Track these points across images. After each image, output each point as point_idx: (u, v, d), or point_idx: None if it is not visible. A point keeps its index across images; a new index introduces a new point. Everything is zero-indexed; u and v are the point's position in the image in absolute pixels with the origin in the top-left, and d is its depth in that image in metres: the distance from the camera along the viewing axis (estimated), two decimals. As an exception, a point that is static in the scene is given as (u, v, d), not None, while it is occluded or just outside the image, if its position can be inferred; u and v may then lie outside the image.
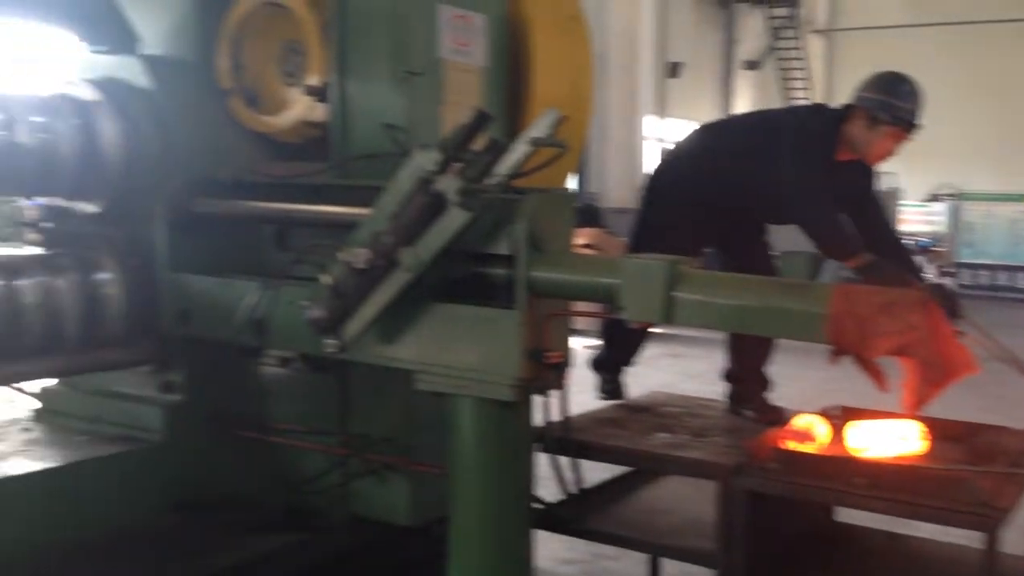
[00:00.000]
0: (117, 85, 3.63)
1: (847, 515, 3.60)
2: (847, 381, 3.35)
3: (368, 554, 3.79)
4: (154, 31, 3.87)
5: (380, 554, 3.83)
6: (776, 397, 4.44)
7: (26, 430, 3.71)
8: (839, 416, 3.53)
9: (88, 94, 3.57)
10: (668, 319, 2.71)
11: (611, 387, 4.52)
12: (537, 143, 2.82)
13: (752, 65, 23.72)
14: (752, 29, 24.03)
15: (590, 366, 4.55)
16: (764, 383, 4.44)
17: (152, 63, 3.69)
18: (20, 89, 3.50)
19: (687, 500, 3.90)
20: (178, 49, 3.85)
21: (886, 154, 4.28)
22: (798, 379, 4.93)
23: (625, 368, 4.59)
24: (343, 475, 3.57)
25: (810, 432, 3.41)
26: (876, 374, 2.70)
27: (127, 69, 3.66)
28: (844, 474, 3.07)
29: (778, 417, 4.08)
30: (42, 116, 3.38)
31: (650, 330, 4.57)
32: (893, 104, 4.17)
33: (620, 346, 4.59)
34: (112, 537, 3.35)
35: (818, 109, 4.65)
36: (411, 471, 3.47)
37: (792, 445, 3.29)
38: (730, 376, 4.48)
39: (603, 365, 4.57)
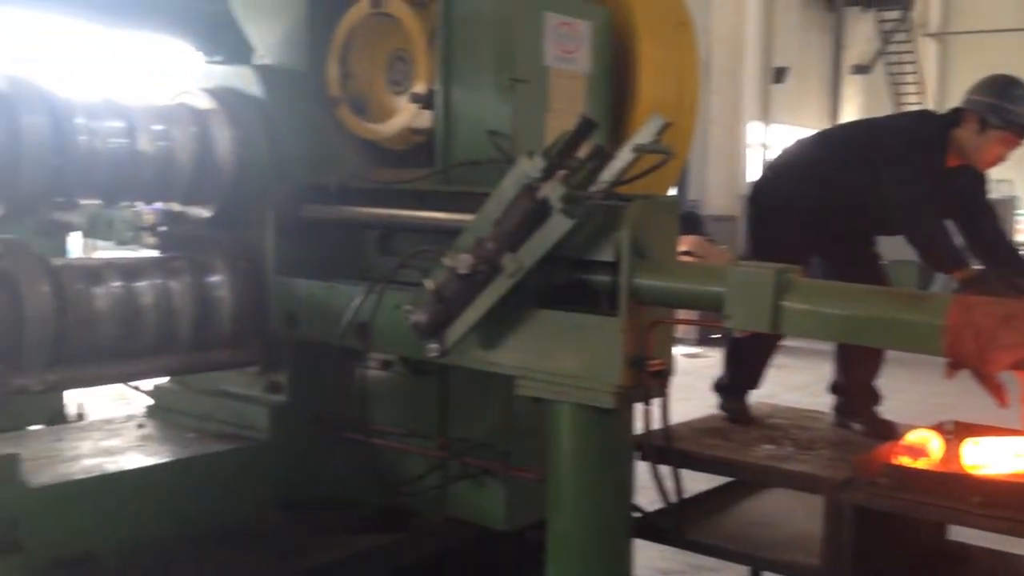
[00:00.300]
0: (231, 94, 3.74)
1: (960, 534, 3.47)
2: (960, 395, 3.24)
3: (463, 557, 3.82)
4: (267, 42, 3.99)
5: (475, 557, 3.85)
6: (885, 410, 4.31)
7: (140, 426, 3.85)
8: (953, 431, 3.42)
9: (204, 103, 3.69)
10: (775, 328, 2.66)
11: (735, 410, 4.34)
12: (641, 149, 2.81)
13: (861, 70, 23.16)
14: (861, 33, 23.47)
15: (713, 388, 4.46)
16: (874, 396, 4.32)
17: (264, 72, 3.80)
18: (140, 98, 3.63)
19: (790, 514, 3.82)
20: (289, 59, 3.96)
21: (997, 160, 4.13)
22: (908, 392, 4.79)
23: (750, 391, 4.46)
24: (441, 478, 3.60)
25: (922, 447, 3.30)
26: (995, 389, 2.60)
27: (241, 78, 3.77)
28: (958, 491, 2.97)
29: (888, 431, 3.96)
30: (161, 124, 3.51)
31: (773, 352, 4.47)
32: (1005, 108, 4.03)
33: (745, 367, 4.46)
34: (217, 533, 3.45)
35: (925, 115, 4.52)
36: (509, 476, 3.47)
37: (903, 460, 3.19)
38: (838, 388, 4.37)
39: (726, 387, 4.46)
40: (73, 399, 4.91)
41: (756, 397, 4.91)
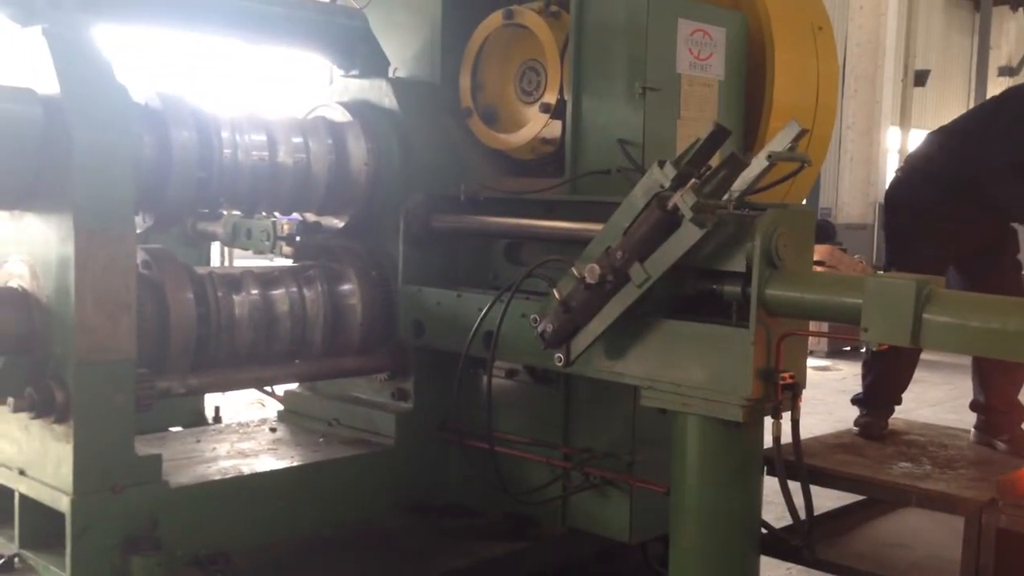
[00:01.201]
0: (366, 106, 3.85)
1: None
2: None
3: (585, 567, 3.80)
4: (402, 55, 4.08)
5: (597, 568, 3.83)
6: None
7: (273, 430, 3.98)
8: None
9: (340, 116, 3.80)
10: (916, 342, 2.55)
11: (870, 425, 4.14)
12: (777, 157, 2.75)
13: (1010, 72, 22.15)
14: (1009, 33, 22.44)
15: (853, 402, 4.32)
16: (1019, 412, 4.10)
17: (398, 85, 3.89)
18: (280, 111, 3.76)
19: (927, 536, 3.67)
20: (423, 71, 4.04)
21: None
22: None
23: (892, 407, 4.27)
24: (564, 488, 3.60)
25: (1073, 469, 3.12)
26: None
27: (376, 91, 3.88)
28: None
29: (1035, 450, 3.77)
30: (299, 137, 3.63)
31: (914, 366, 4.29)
32: None
33: (886, 382, 4.26)
34: (345, 536, 3.53)
35: None
36: (632, 487, 3.45)
37: (1051, 483, 3.02)
38: (978, 405, 4.17)
39: (865, 402, 4.27)
40: (210, 402, 5.11)
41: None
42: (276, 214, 3.96)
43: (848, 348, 9.99)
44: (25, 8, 3.05)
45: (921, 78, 19.26)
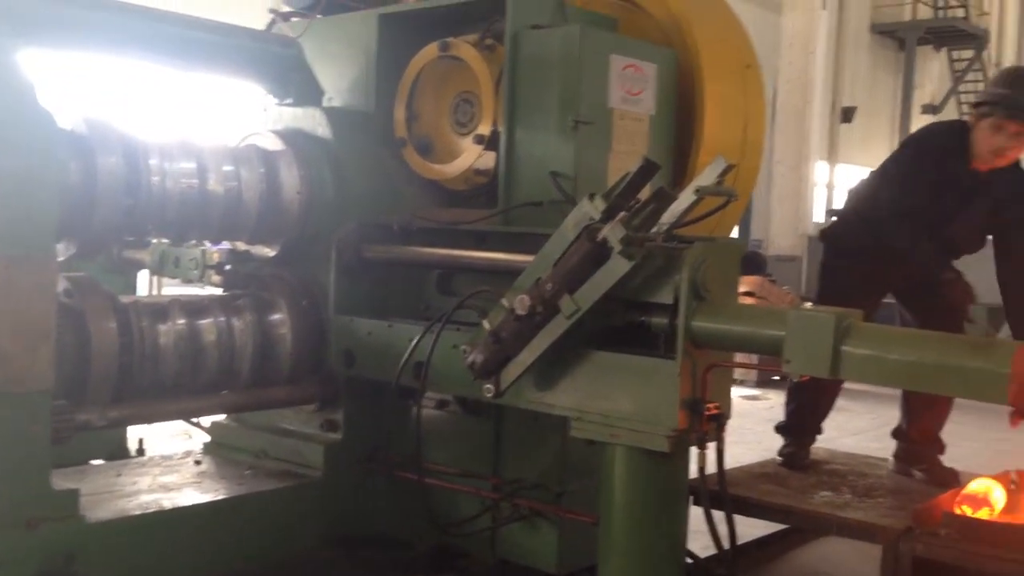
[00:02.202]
0: (300, 135, 3.83)
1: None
2: (1030, 446, 3.15)
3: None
4: (336, 85, 4.09)
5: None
6: (948, 458, 4.20)
7: (198, 463, 3.90)
8: (1017, 481, 3.31)
9: (273, 144, 3.78)
10: (835, 373, 2.62)
11: (792, 455, 4.21)
12: (704, 191, 2.80)
13: (932, 109, 22.85)
14: (932, 72, 23.18)
15: (777, 430, 4.38)
16: (938, 444, 4.20)
17: (332, 114, 3.88)
18: (211, 139, 3.72)
19: (847, 563, 3.75)
20: (357, 101, 4.04)
21: (1012, 154, 3.93)
22: (973, 439, 4.66)
23: (813, 436, 4.34)
24: (493, 519, 3.59)
25: (986, 497, 3.21)
26: (1062, 441, 2.53)
27: (309, 120, 3.86)
28: (1021, 543, 2.87)
29: (950, 480, 3.86)
30: (231, 165, 3.60)
31: (835, 397, 4.37)
32: (1008, 96, 3.84)
33: (807, 412, 4.33)
34: (271, 570, 3.48)
35: (947, 123, 4.36)
36: (561, 518, 3.45)
37: (966, 510, 3.10)
38: (900, 434, 4.27)
39: (789, 430, 4.34)
40: (134, 434, 5.00)
41: (815, 442, 4.82)
42: (206, 242, 3.91)
43: (777, 378, 10.12)
44: (-53, 31, 2.99)
45: (848, 114, 19.81)
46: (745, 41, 4.28)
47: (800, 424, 4.30)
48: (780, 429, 4.36)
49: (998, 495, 3.22)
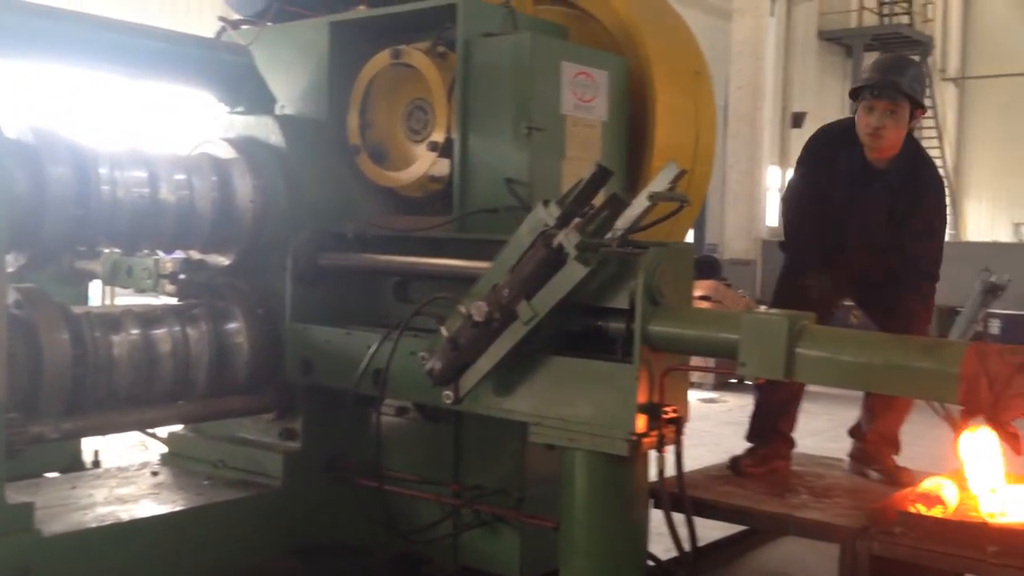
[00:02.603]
0: (252, 143, 3.80)
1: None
2: (978, 443, 3.19)
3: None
4: (288, 93, 4.06)
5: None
6: (902, 458, 4.27)
7: (155, 474, 3.86)
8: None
9: (225, 152, 3.75)
10: (789, 375, 2.66)
11: (737, 461, 4.11)
12: (657, 197, 2.83)
13: (878, 114, 23.19)
14: (878, 78, 23.51)
15: (746, 437, 4.31)
16: (893, 443, 4.26)
17: (285, 122, 3.86)
18: (162, 147, 3.69)
19: (805, 563, 3.79)
20: (310, 109, 4.02)
21: (888, 133, 3.98)
22: (925, 438, 4.73)
23: (777, 440, 4.24)
24: (455, 525, 3.59)
25: (938, 495, 3.27)
26: (1010, 437, 2.58)
27: (262, 128, 3.84)
28: (975, 541, 2.93)
29: (905, 479, 3.91)
30: (183, 174, 3.56)
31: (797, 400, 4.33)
32: (874, 77, 3.98)
33: (774, 413, 4.25)
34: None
35: (842, 120, 4.44)
36: (522, 523, 3.46)
37: (920, 509, 3.16)
38: (857, 433, 4.31)
39: (755, 435, 4.26)
40: (89, 446, 4.93)
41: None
42: (159, 252, 3.87)
43: (735, 381, 10.25)
44: None
45: (798, 120, 20.09)
46: (695, 48, 4.33)
47: (759, 427, 4.30)
48: (750, 435, 4.31)
49: (951, 493, 3.28)
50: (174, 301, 3.83)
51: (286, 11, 4.16)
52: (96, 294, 6.18)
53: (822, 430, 7.52)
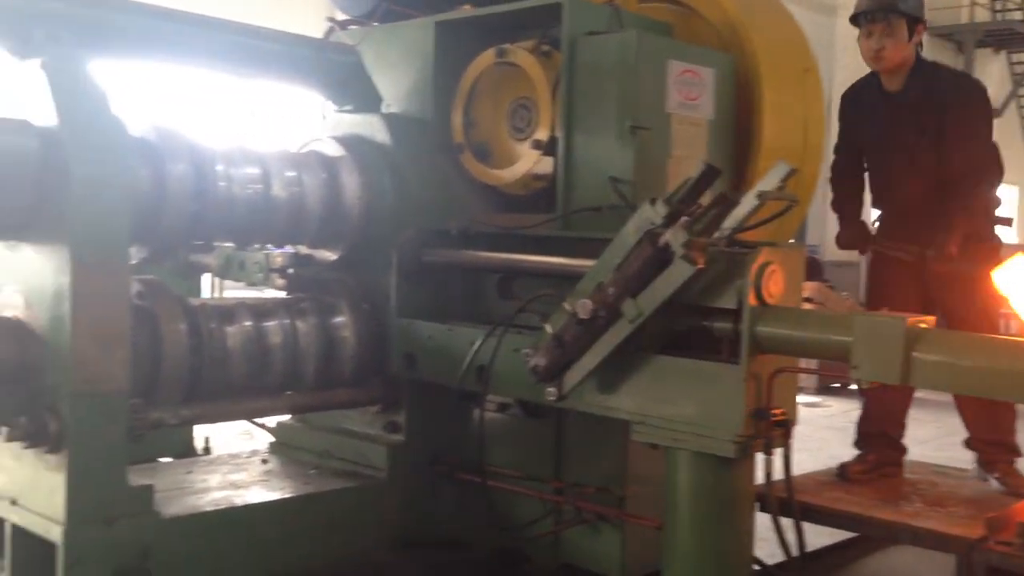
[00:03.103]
0: (359, 141, 3.88)
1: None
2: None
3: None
4: (394, 92, 4.13)
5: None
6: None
7: (264, 462, 3.97)
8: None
9: (333, 150, 3.83)
10: (905, 380, 2.59)
11: (845, 465, 4.04)
12: (767, 196, 2.79)
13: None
14: (992, 75, 22.74)
15: (854, 443, 4.25)
16: (1010, 449, 4.11)
17: (391, 121, 3.92)
18: (274, 145, 3.79)
19: (917, 573, 3.68)
20: (415, 108, 4.08)
21: (889, 53, 4.06)
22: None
23: (891, 443, 4.16)
24: (555, 522, 3.60)
25: (1062, 507, 3.15)
26: None
27: (368, 127, 3.91)
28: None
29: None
30: (293, 171, 3.66)
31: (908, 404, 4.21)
32: (864, 3, 4.10)
33: (883, 419, 4.14)
34: (335, 569, 3.52)
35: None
36: (624, 522, 3.45)
37: (1042, 520, 3.04)
38: (972, 443, 4.18)
39: (864, 441, 4.19)
40: (200, 433, 5.09)
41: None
42: (269, 246, 3.97)
43: (838, 384, 10.02)
44: (24, 41, 3.09)
45: (905, 118, 19.46)
46: (804, 44, 4.25)
47: (867, 433, 4.18)
48: (858, 442, 4.21)
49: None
50: (282, 295, 3.93)
51: (393, 11, 4.23)
52: (206, 287, 6.38)
53: (930, 438, 7.30)
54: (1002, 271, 2.91)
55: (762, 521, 3.14)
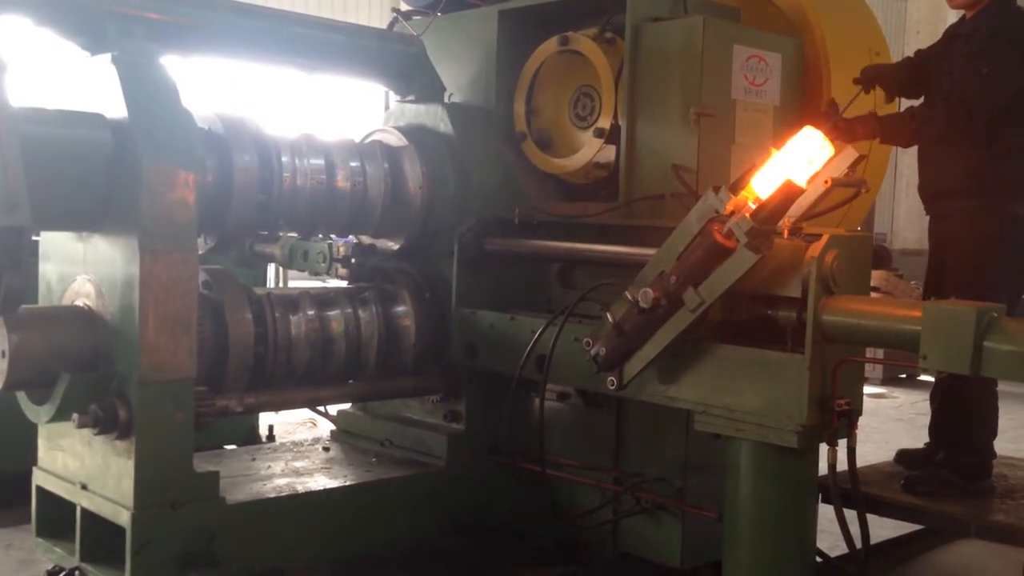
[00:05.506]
0: (421, 131, 3.90)
1: None
2: None
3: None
4: (457, 81, 4.14)
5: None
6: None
7: (326, 449, 4.02)
8: None
9: (396, 140, 3.85)
10: (975, 370, 2.52)
11: (912, 479, 3.63)
12: (835, 183, 2.74)
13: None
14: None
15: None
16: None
17: (453, 110, 3.93)
18: (338, 136, 3.82)
19: (986, 566, 3.60)
20: (477, 97, 4.09)
21: None
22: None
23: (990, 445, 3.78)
24: (615, 512, 3.59)
25: None
26: None
27: (431, 116, 3.93)
28: None
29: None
30: (357, 161, 3.69)
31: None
32: None
33: (982, 418, 3.73)
34: (396, 555, 3.56)
35: None
36: (684, 512, 3.43)
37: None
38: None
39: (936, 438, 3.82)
40: (264, 421, 5.18)
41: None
42: (332, 236, 4.01)
43: (904, 375, 9.81)
44: (96, 37, 3.16)
45: (977, 102, 18.96)
46: (874, 27, 4.16)
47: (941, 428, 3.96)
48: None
49: None
50: (344, 284, 3.97)
51: (456, 1, 4.24)
52: (270, 277, 6.47)
53: (1002, 430, 7.11)
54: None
55: (825, 513, 3.09)
